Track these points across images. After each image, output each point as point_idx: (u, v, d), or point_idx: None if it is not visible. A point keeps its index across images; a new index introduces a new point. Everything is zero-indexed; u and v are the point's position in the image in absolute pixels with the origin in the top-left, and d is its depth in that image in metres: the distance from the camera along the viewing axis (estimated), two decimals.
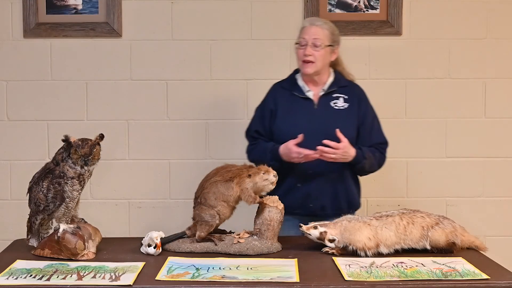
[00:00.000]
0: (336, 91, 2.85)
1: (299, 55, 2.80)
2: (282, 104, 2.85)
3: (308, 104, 2.83)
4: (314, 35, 2.77)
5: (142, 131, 3.54)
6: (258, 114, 2.92)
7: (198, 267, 2.22)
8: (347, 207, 2.82)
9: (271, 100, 2.89)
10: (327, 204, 2.81)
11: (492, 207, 3.58)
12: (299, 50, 2.79)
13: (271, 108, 2.86)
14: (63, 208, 2.38)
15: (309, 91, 2.84)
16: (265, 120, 2.88)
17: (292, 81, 2.90)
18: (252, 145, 2.91)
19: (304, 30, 2.80)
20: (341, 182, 2.82)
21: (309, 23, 2.82)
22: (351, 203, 2.87)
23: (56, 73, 3.51)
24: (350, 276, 2.11)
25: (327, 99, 2.84)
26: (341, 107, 2.83)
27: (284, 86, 2.90)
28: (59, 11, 3.49)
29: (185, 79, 3.53)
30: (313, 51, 2.76)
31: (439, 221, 2.42)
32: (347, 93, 2.86)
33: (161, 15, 3.51)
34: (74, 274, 2.16)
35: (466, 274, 2.13)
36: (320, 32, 2.78)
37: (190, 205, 2.56)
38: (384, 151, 2.90)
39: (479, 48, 3.53)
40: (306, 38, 2.77)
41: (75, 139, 2.36)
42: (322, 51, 2.78)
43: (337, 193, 2.82)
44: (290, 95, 2.85)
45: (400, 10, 3.49)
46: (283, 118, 2.83)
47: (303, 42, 2.78)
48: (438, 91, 3.55)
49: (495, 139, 3.57)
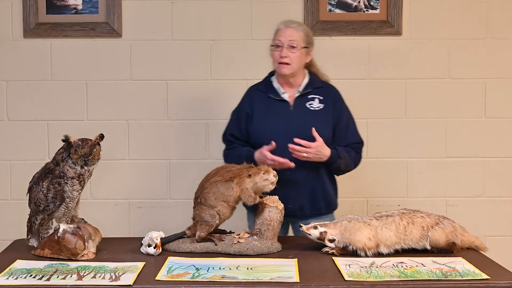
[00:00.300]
0: (311, 92, 2.86)
1: (275, 57, 2.82)
2: (258, 107, 2.86)
3: (284, 106, 2.84)
4: (290, 37, 2.78)
5: (142, 131, 3.54)
6: (234, 118, 2.93)
7: (198, 267, 2.22)
8: (325, 207, 2.86)
9: (247, 103, 2.90)
10: (305, 204, 2.81)
11: (492, 207, 3.59)
12: (275, 52, 2.81)
13: (247, 111, 2.87)
14: (63, 208, 2.38)
15: (285, 93, 2.86)
16: (241, 123, 2.88)
17: (267, 83, 2.91)
18: (228, 150, 2.92)
19: (280, 32, 2.82)
20: (318, 183, 2.83)
21: (284, 25, 2.83)
22: (329, 203, 2.89)
23: (56, 73, 3.52)
24: (350, 276, 2.11)
25: (303, 100, 2.85)
26: (316, 108, 2.84)
27: (259, 89, 2.91)
28: (59, 11, 3.49)
29: (185, 79, 3.53)
30: (289, 53, 2.78)
31: (439, 221, 2.42)
32: (322, 94, 2.87)
33: (161, 15, 3.51)
34: (74, 274, 2.16)
35: (466, 274, 2.13)
36: (295, 34, 2.80)
37: (190, 205, 2.56)
38: (360, 151, 2.91)
39: (479, 48, 3.54)
40: (282, 40, 2.78)
41: (75, 139, 2.36)
42: (297, 53, 2.80)
43: (315, 193, 2.83)
44: (266, 98, 2.87)
45: (400, 10, 3.50)
46: (260, 120, 2.84)
47: (279, 44, 2.79)
48: (438, 91, 3.55)
49: (495, 139, 3.57)
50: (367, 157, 3.54)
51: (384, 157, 3.55)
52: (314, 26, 3.48)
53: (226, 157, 2.91)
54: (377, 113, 3.55)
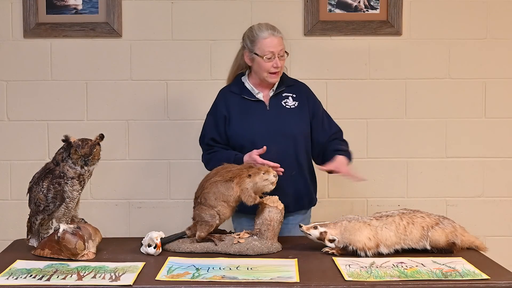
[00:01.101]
0: (284, 90, 2.89)
1: (266, 67, 2.78)
2: (235, 109, 2.86)
3: (260, 106, 2.85)
4: (280, 47, 2.79)
5: (142, 131, 3.54)
6: (211, 121, 2.91)
7: (198, 267, 2.22)
8: (307, 203, 2.92)
9: (222, 106, 2.89)
10: (290, 202, 2.77)
11: (492, 207, 3.58)
12: (267, 63, 2.78)
13: (224, 114, 2.87)
14: (63, 208, 2.38)
15: (259, 93, 2.87)
16: (219, 126, 2.87)
17: (239, 85, 2.91)
18: (209, 154, 2.88)
19: (268, 43, 2.77)
20: (302, 181, 2.86)
21: (270, 33, 2.79)
22: (311, 199, 2.94)
23: (56, 73, 3.51)
24: (350, 276, 2.11)
25: (277, 99, 2.87)
26: (292, 106, 2.86)
27: (233, 91, 2.91)
28: (59, 11, 3.49)
29: (185, 79, 3.53)
30: (281, 62, 2.80)
31: (439, 221, 2.42)
32: (294, 91, 2.90)
33: (161, 15, 3.51)
34: (74, 274, 2.16)
35: (466, 274, 2.13)
36: (281, 42, 2.81)
37: (190, 205, 2.56)
38: (342, 137, 2.96)
39: (479, 48, 3.53)
40: (274, 52, 2.77)
41: (75, 139, 2.36)
42: (285, 60, 2.83)
43: (299, 191, 2.86)
44: (240, 99, 2.87)
45: (400, 10, 3.49)
46: (238, 122, 2.84)
47: (271, 56, 2.78)
48: (438, 91, 3.55)
49: (495, 139, 3.57)
50: (367, 157, 3.55)
51: (384, 157, 3.55)
52: (314, 26, 3.48)
53: (209, 161, 2.86)
54: (377, 113, 3.55)
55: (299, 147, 2.82)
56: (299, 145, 2.82)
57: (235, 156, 2.75)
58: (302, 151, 2.84)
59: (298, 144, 2.82)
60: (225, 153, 2.82)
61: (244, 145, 2.79)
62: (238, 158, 2.73)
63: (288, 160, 2.76)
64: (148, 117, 3.54)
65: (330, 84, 3.52)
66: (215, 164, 2.70)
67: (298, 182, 2.84)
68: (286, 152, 2.78)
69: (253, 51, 2.81)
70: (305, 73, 3.43)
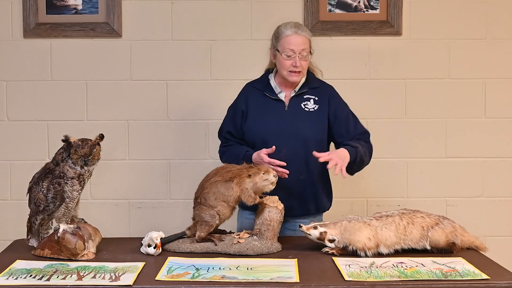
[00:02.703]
0: (307, 92, 2.85)
1: (285, 65, 2.76)
2: (253, 105, 2.85)
3: (279, 105, 2.83)
4: (303, 46, 2.75)
5: (142, 131, 3.54)
6: (230, 114, 2.92)
7: (198, 267, 2.22)
8: (314, 208, 2.85)
9: (242, 100, 2.89)
10: (294, 205, 2.78)
11: (492, 207, 3.58)
12: (287, 61, 2.75)
13: (242, 109, 2.86)
14: (63, 208, 2.38)
15: (281, 92, 2.85)
16: (236, 120, 2.87)
17: (264, 81, 2.89)
18: (224, 147, 2.91)
19: (290, 40, 2.75)
20: (309, 185, 2.81)
21: (294, 31, 2.76)
22: (318, 204, 2.87)
23: (56, 73, 3.51)
24: (350, 276, 2.11)
25: (298, 101, 2.83)
26: (311, 109, 2.83)
27: (256, 86, 2.90)
28: (59, 11, 3.49)
29: (185, 79, 3.53)
30: (302, 62, 2.76)
31: (439, 221, 2.42)
32: (318, 94, 2.86)
33: (161, 15, 3.51)
34: (74, 274, 2.16)
35: (466, 274, 2.13)
36: (306, 42, 2.77)
37: (190, 205, 2.56)
38: (368, 140, 2.88)
39: (479, 48, 3.53)
40: (295, 50, 2.74)
41: (75, 139, 2.36)
42: (308, 60, 2.80)
43: (305, 195, 2.81)
44: (261, 96, 2.86)
45: (400, 10, 3.49)
46: (254, 119, 2.83)
47: (291, 54, 2.75)
48: (438, 91, 3.55)
49: (495, 139, 3.57)
50: None
51: (384, 157, 3.55)
52: (314, 26, 3.48)
53: (223, 154, 2.89)
54: (377, 113, 3.55)
55: (310, 151, 2.69)
56: (310, 149, 2.69)
57: (245, 153, 2.75)
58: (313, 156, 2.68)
59: (310, 148, 2.71)
60: (238, 148, 2.82)
61: (255, 142, 2.78)
62: (248, 154, 2.73)
63: (298, 163, 2.73)
64: (148, 117, 3.54)
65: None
66: (228, 158, 2.77)
67: (306, 186, 2.80)
68: (296, 155, 2.74)
69: (276, 47, 2.80)
70: None
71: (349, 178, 3.07)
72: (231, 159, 2.72)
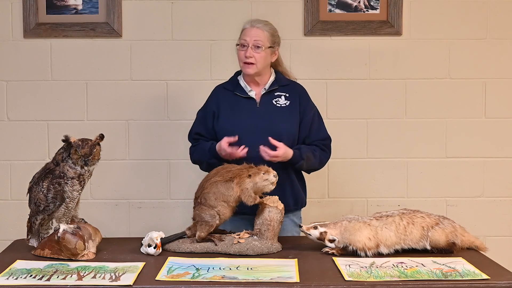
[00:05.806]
0: (277, 89, 2.88)
1: (240, 57, 2.83)
2: (225, 105, 2.87)
3: (251, 103, 2.86)
4: (255, 37, 2.80)
5: (142, 131, 3.54)
6: (200, 117, 2.94)
7: (198, 267, 2.22)
8: (293, 204, 2.87)
9: (213, 102, 2.91)
10: None
11: (492, 207, 3.58)
12: (240, 51, 2.82)
13: (213, 110, 2.88)
14: (63, 208, 2.38)
15: (251, 91, 2.87)
16: (207, 122, 2.89)
17: (234, 82, 2.93)
18: (193, 147, 2.93)
19: (245, 32, 2.83)
20: (288, 181, 2.83)
21: (250, 24, 2.84)
22: (297, 199, 2.89)
23: (56, 73, 3.51)
24: (350, 276, 2.11)
25: (269, 98, 2.86)
26: (282, 105, 2.86)
27: (226, 87, 2.93)
28: (59, 11, 3.49)
29: (185, 79, 3.53)
30: (254, 53, 2.79)
31: (439, 221, 2.42)
32: (288, 91, 2.89)
33: (161, 15, 3.51)
34: (74, 274, 2.16)
35: (466, 274, 2.13)
36: (260, 34, 2.81)
37: (190, 205, 2.56)
38: (326, 147, 2.90)
39: (479, 48, 3.53)
40: (248, 40, 2.80)
41: (75, 139, 2.36)
42: (262, 53, 2.81)
43: (285, 192, 2.81)
44: (232, 96, 2.88)
45: (400, 10, 3.49)
46: (227, 117, 2.85)
47: (244, 44, 2.80)
48: (438, 91, 3.54)
49: (495, 139, 3.57)
50: (367, 157, 3.55)
51: (384, 157, 3.55)
52: (314, 26, 3.48)
53: (192, 153, 2.93)
54: (377, 113, 3.55)
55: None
56: (285, 144, 2.73)
57: (210, 145, 2.79)
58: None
59: (284, 143, 2.73)
60: (205, 143, 2.85)
61: None
62: (212, 147, 2.77)
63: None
64: (148, 117, 3.54)
65: (330, 84, 3.52)
66: (197, 155, 2.85)
67: (284, 184, 2.79)
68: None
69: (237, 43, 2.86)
70: (305, 73, 3.44)
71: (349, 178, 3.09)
72: (199, 154, 2.84)
